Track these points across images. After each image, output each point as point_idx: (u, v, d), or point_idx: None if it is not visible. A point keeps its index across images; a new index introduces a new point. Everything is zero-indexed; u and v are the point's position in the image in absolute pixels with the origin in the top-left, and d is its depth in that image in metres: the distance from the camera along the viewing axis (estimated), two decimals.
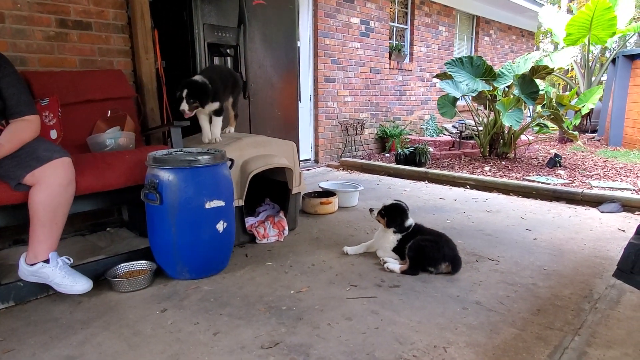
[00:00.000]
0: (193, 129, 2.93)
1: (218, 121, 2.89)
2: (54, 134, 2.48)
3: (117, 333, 1.83)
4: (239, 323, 1.90)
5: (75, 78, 2.74)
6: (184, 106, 2.62)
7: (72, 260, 2.12)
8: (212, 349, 1.71)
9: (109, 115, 2.83)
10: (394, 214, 2.53)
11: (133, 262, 2.36)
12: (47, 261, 2.02)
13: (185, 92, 2.62)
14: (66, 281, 2.04)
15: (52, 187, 1.95)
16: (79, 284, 2.06)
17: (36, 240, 2.00)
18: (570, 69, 12.85)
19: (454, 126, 7.06)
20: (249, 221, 2.97)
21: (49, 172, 1.95)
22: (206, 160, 2.24)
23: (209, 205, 2.24)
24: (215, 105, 2.80)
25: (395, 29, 7.25)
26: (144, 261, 2.37)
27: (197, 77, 2.70)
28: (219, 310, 2.01)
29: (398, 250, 2.51)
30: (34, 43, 2.72)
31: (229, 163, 2.45)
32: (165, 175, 2.19)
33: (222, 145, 2.74)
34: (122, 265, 2.34)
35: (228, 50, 3.58)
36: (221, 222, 2.31)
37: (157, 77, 3.24)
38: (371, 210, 2.61)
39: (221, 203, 2.30)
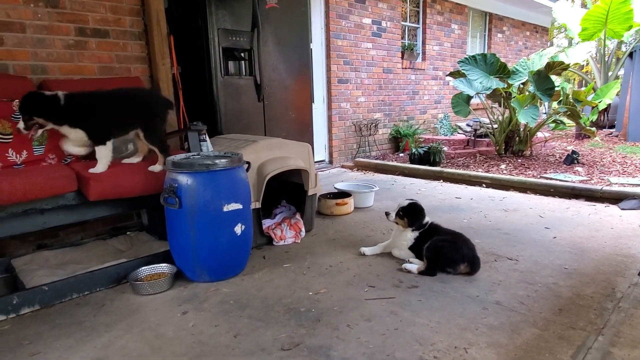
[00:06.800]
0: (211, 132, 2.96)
1: (98, 151, 2.38)
2: None
3: (139, 336, 1.86)
4: (259, 325, 1.91)
5: (95, 85, 2.78)
6: (20, 124, 2.23)
7: None
8: (233, 350, 1.73)
9: None
10: (413, 214, 2.53)
11: (154, 265, 2.40)
12: None
13: (19, 104, 2.22)
14: None
15: None
16: None
17: None
18: (585, 64, 12.63)
19: (468, 124, 7.00)
20: (266, 223, 2.99)
21: None
22: (224, 164, 2.26)
23: (227, 208, 2.27)
24: (80, 134, 2.36)
25: (407, 28, 7.22)
26: (164, 264, 2.41)
27: (50, 92, 2.31)
28: (238, 312, 2.03)
29: (414, 248, 2.51)
30: (54, 52, 2.79)
31: (245, 166, 2.47)
32: (184, 179, 2.22)
33: (238, 148, 2.76)
34: (143, 268, 2.37)
35: (242, 54, 3.61)
36: (239, 224, 2.33)
37: (173, 82, 3.29)
38: (387, 213, 2.61)
39: (239, 206, 2.32)
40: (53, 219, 2.23)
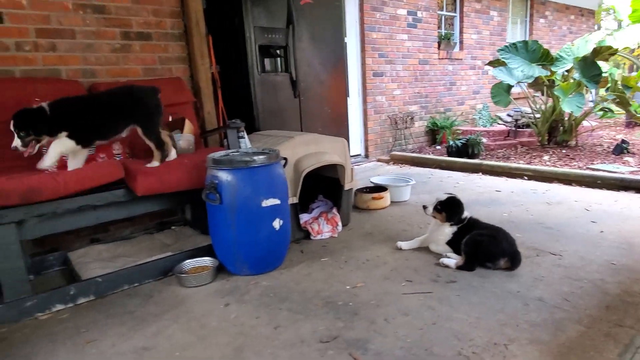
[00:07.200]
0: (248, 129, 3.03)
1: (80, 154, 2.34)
2: (123, 133, 2.66)
3: (185, 326, 1.95)
4: (298, 317, 1.96)
5: None
6: (16, 143, 2.16)
7: None
8: (274, 342, 1.79)
9: (170, 119, 2.99)
10: (452, 207, 2.49)
11: (197, 259, 2.50)
12: None
13: (12, 123, 2.14)
14: None
15: None
16: None
17: None
18: (636, 48, 11.91)
19: (508, 115, 6.79)
20: (303, 218, 3.04)
21: None
22: (261, 160, 2.32)
23: (266, 203, 2.33)
24: (67, 142, 2.28)
25: (443, 17, 7.05)
26: (207, 257, 2.50)
27: (36, 106, 2.22)
28: (278, 305, 2.09)
29: (452, 243, 2.49)
30: (102, 56, 2.94)
31: (283, 162, 2.52)
32: (224, 176, 2.29)
33: (275, 144, 2.82)
34: (187, 261, 2.48)
35: (278, 51, 3.66)
36: (277, 219, 2.39)
37: (212, 81, 3.39)
38: (425, 207, 2.58)
39: (277, 201, 2.37)
40: (105, 214, 2.37)
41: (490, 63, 6.10)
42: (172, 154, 2.64)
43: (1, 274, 2.02)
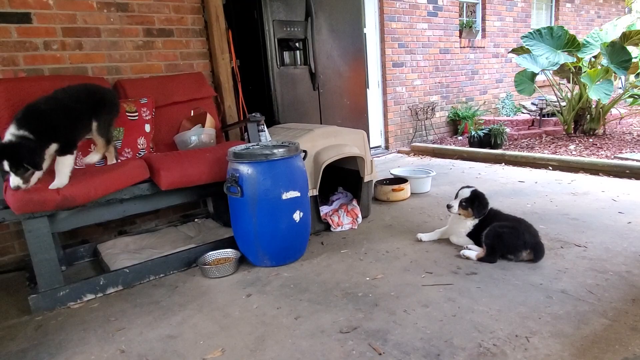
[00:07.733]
0: (268, 122, 3.06)
1: (62, 161, 2.11)
2: (147, 128, 2.75)
3: (209, 315, 2.01)
4: (318, 308, 1.99)
5: (163, 83, 2.98)
6: (17, 182, 1.93)
7: None
8: (295, 332, 1.82)
9: (192, 114, 3.05)
10: (478, 203, 2.45)
11: (220, 250, 2.56)
12: None
13: (6, 164, 1.90)
14: None
15: None
16: None
17: None
18: None
19: (533, 103, 6.63)
20: (324, 210, 3.06)
21: None
22: (281, 153, 2.35)
23: (286, 196, 2.36)
24: (70, 160, 2.13)
25: (465, 4, 6.91)
26: (229, 249, 2.56)
27: (9, 136, 1.95)
28: (299, 295, 2.12)
29: (473, 235, 2.47)
30: (126, 53, 3.01)
31: (302, 154, 2.54)
32: (245, 169, 2.33)
33: (295, 137, 2.84)
34: (210, 253, 2.54)
35: (297, 44, 3.67)
36: (297, 212, 2.42)
37: (232, 75, 3.42)
38: (449, 206, 2.51)
39: (297, 194, 2.40)
40: (131, 207, 2.44)
41: (514, 50, 5.96)
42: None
43: (36, 265, 2.11)
